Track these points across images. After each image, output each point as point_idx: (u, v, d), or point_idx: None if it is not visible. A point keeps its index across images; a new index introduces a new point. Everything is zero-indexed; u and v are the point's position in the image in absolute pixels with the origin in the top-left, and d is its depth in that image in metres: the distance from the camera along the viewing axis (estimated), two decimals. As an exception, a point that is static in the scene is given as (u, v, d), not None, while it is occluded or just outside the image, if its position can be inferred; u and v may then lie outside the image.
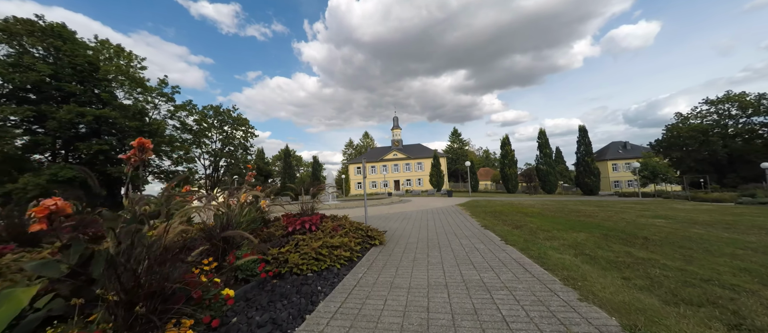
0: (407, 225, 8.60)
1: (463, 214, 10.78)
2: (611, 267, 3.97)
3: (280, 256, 3.97)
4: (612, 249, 4.96)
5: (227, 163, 39.44)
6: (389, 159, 57.44)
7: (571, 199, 21.16)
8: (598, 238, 5.93)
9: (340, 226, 5.97)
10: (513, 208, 12.74)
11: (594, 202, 16.45)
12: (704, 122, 43.47)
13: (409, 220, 9.65)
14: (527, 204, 14.75)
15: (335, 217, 7.40)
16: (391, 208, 15.43)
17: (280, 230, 5.17)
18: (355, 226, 6.11)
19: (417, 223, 8.85)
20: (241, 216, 4.53)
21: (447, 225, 8.31)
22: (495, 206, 13.63)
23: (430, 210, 13.20)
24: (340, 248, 4.47)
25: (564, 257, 4.40)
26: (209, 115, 37.67)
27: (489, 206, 13.71)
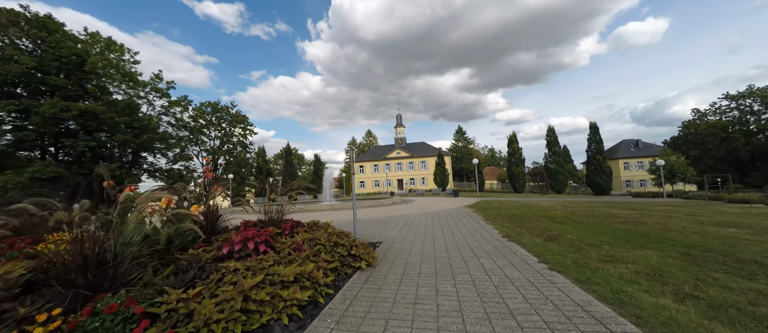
0: (408, 233, 6.86)
1: (475, 219, 9.01)
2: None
3: (181, 306, 2.26)
4: (729, 285, 3.16)
5: (226, 161, 38.06)
6: (392, 157, 55.67)
7: (591, 199, 19.20)
8: (680, 260, 4.13)
9: (312, 240, 4.25)
10: (532, 210, 10.92)
11: (622, 204, 14.51)
12: (723, 118, 40.95)
13: (411, 226, 7.91)
14: (546, 205, 12.90)
15: (316, 225, 5.72)
16: (392, 209, 13.70)
17: (213, 252, 3.46)
18: (335, 241, 4.38)
19: (420, 231, 7.11)
20: (130, 233, 2.81)
21: (458, 234, 6.55)
22: (510, 208, 11.81)
23: (435, 212, 11.43)
24: (297, 284, 2.75)
25: (666, 303, 2.63)
26: (207, 111, 36.33)
27: (503, 208, 11.89)
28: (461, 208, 13.01)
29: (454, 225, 7.87)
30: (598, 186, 43.10)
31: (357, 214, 11.46)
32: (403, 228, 7.66)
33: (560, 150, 43.71)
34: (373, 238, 6.53)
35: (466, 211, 11.57)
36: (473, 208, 12.30)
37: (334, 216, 11.14)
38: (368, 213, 12.04)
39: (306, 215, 11.84)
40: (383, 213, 11.87)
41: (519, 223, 7.89)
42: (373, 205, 16.13)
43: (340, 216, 11.25)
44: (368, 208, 14.25)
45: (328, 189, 20.82)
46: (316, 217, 10.97)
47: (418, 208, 13.88)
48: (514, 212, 10.31)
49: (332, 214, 11.88)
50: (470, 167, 63.50)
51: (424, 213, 11.31)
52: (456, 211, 11.74)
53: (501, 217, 9.02)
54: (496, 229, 7.02)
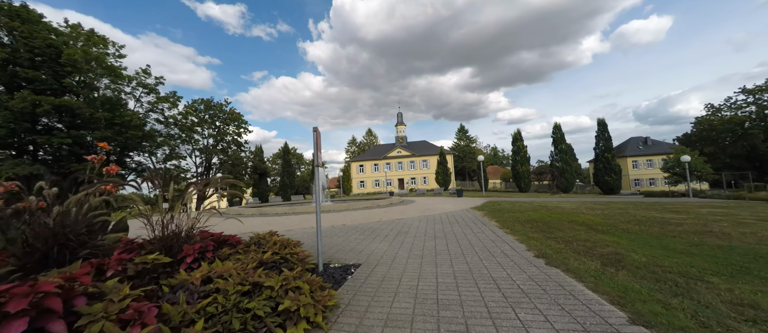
0: (401, 248, 4.94)
1: (487, 226, 7.06)
2: None
3: None
4: None
5: (220, 160, 36.32)
6: (393, 156, 53.74)
7: (610, 200, 17.13)
8: None
9: (221, 278, 2.33)
10: (554, 213, 8.95)
11: (656, 205, 12.46)
12: (739, 114, 38.58)
13: (406, 236, 6.00)
14: (568, 207, 10.90)
15: (261, 242, 3.84)
16: (387, 212, 11.78)
17: None
18: (256, 281, 2.45)
19: (418, 244, 5.19)
20: None
21: (470, 250, 4.62)
22: (526, 211, 9.85)
23: (437, 216, 9.50)
24: None
25: None
26: (200, 109, 34.59)
27: (517, 210, 9.94)
28: (467, 210, 11.07)
29: (463, 235, 5.94)
30: (607, 185, 40.86)
31: (344, 218, 9.55)
32: (395, 240, 5.73)
33: (567, 148, 41.55)
34: (351, 256, 4.62)
35: (474, 214, 9.63)
36: (482, 211, 10.34)
37: (314, 221, 9.26)
38: (358, 217, 10.12)
39: (282, 221, 9.93)
40: (376, 217, 9.94)
41: (547, 232, 5.96)
42: (367, 206, 14.21)
43: (325, 220, 9.37)
44: (360, 211, 12.34)
45: (320, 188, 18.93)
46: (295, 222, 9.13)
47: (417, 210, 11.94)
48: (534, 216, 8.36)
49: (314, 219, 10.01)
50: (473, 166, 61.40)
51: (424, 217, 9.37)
52: (462, 214, 9.80)
53: (520, 224, 7.08)
54: (520, 241, 5.09)
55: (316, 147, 4.13)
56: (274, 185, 57.15)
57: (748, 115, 37.69)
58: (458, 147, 66.24)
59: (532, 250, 4.42)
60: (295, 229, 7.96)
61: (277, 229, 8.12)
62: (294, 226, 8.42)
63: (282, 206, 14.56)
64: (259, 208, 14.65)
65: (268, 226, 8.91)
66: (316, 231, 3.84)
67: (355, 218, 9.74)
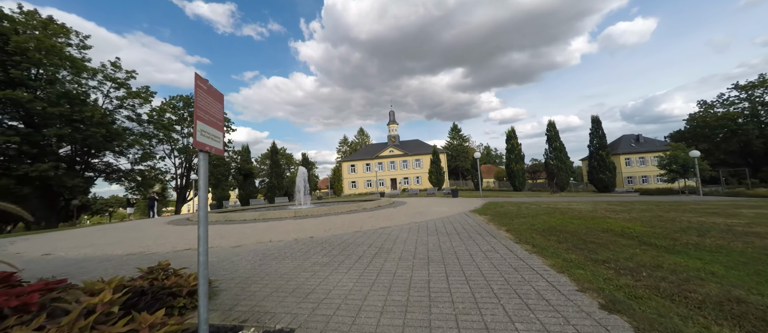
0: (374, 287, 3.07)
1: (499, 239, 5.26)
2: None
3: None
4: None
5: (202, 161, 33.86)
6: (385, 156, 51.91)
7: (622, 199, 15.58)
8: None
9: None
10: (573, 218, 7.22)
11: (685, 206, 10.86)
12: (732, 110, 37.93)
13: (387, 260, 4.15)
14: (585, 210, 9.17)
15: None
16: (373, 216, 9.91)
17: None
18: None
19: (403, 276, 3.33)
20: None
21: (486, 290, 2.79)
22: (537, 214, 8.11)
23: (431, 222, 7.68)
24: None
25: None
26: (178, 105, 32.14)
27: (527, 214, 8.19)
28: (466, 214, 9.28)
29: (468, 257, 4.11)
30: (602, 183, 39.80)
31: (317, 228, 7.67)
32: (370, 266, 3.87)
33: (561, 145, 40.39)
34: (287, 305, 2.71)
35: (475, 220, 7.83)
36: (485, 216, 8.56)
37: (283, 230, 7.33)
38: (335, 225, 8.23)
39: (241, 230, 7.95)
40: (356, 224, 8.06)
41: (585, 249, 4.19)
42: (351, 210, 12.30)
43: (293, 230, 7.45)
44: (340, 217, 10.44)
45: (303, 191, 16.96)
46: (255, 232, 7.09)
47: (408, 214, 10.10)
48: (552, 223, 6.60)
49: (284, 227, 8.08)
50: (466, 165, 60.00)
51: (415, 224, 7.53)
52: (461, 220, 8.00)
53: (540, 235, 5.31)
54: (557, 269, 3.29)
55: (203, 112, 2.13)
56: (262, 187, 54.73)
57: (740, 111, 37.08)
58: (451, 146, 64.81)
59: (588, 292, 2.61)
60: (246, 244, 6.03)
61: (229, 242, 6.18)
62: (249, 240, 6.48)
63: (253, 211, 12.58)
64: (227, 213, 12.64)
65: (219, 237, 6.97)
66: (283, 244, 1.95)
67: (331, 227, 7.84)
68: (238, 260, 4.61)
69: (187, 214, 15.93)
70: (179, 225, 11.28)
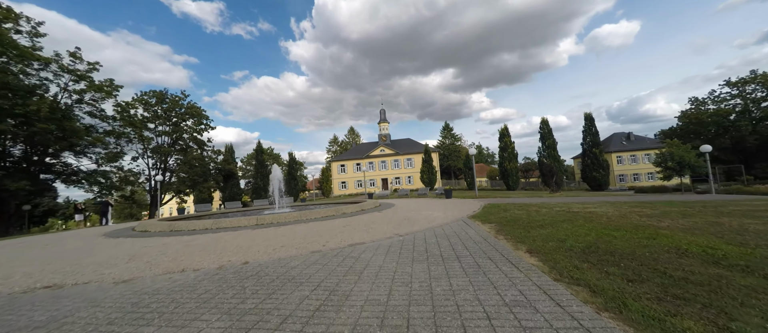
0: None
1: (522, 269, 3.30)
2: None
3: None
4: None
5: (178, 161, 31.20)
6: (376, 155, 49.87)
7: (636, 199, 13.85)
8: None
9: None
10: (614, 230, 5.33)
11: (732, 207, 9.14)
12: (722, 106, 37.25)
13: (333, 322, 2.14)
14: (615, 215, 7.31)
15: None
16: (348, 226, 7.89)
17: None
18: None
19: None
20: None
21: None
22: (557, 223, 6.21)
23: (420, 235, 5.71)
24: None
25: None
26: (150, 102, 29.40)
27: (544, 223, 6.28)
28: (465, 220, 7.34)
29: (479, 314, 2.15)
30: (596, 181, 38.66)
31: (268, 244, 5.58)
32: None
33: (555, 143, 39.08)
34: None
35: (477, 230, 5.88)
36: (488, 224, 6.61)
37: (220, 247, 5.12)
38: (294, 240, 6.18)
39: (170, 246, 5.67)
40: (319, 239, 6.01)
41: (680, 290, 2.28)
42: (327, 215, 10.22)
43: (230, 249, 5.32)
44: (309, 224, 8.36)
45: (278, 192, 14.78)
46: (193, 247, 4.94)
47: (392, 221, 8.08)
48: (587, 237, 4.69)
49: (228, 242, 5.88)
50: (458, 164, 58.45)
51: (399, 239, 5.53)
52: (458, 229, 6.04)
53: (582, 260, 3.39)
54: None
55: None
56: (248, 188, 52.04)
57: (732, 107, 36.41)
58: (443, 145, 63.20)
59: None
60: (138, 277, 3.91)
61: (116, 272, 3.91)
62: (152, 268, 4.36)
63: (208, 219, 10.29)
64: (177, 221, 10.42)
65: (128, 259, 4.79)
66: (193, 278, 0.46)
67: (287, 242, 5.77)
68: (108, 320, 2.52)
69: (146, 221, 13.54)
70: (115, 237, 9.02)
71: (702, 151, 16.19)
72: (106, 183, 24.18)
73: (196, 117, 31.27)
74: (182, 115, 30.61)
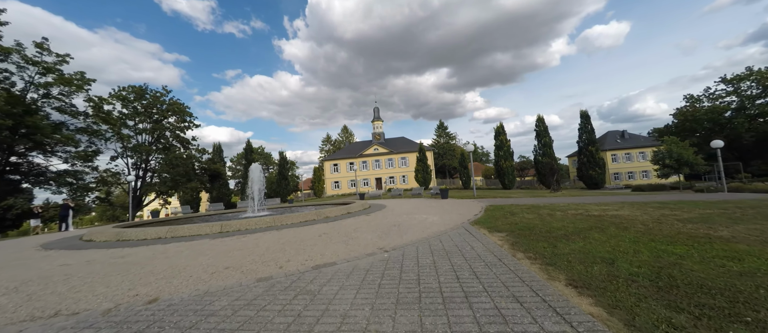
0: None
1: (576, 326, 1.92)
2: None
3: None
4: None
5: (160, 161, 29.32)
6: (369, 154, 48.42)
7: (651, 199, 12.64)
8: None
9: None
10: (681, 244, 4.01)
11: (764, 206, 7.93)
12: (718, 103, 36.71)
13: None
14: (643, 219, 6.01)
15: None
16: (324, 235, 6.48)
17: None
18: None
19: None
20: None
21: None
22: (588, 233, 4.90)
23: (412, 253, 4.33)
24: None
25: None
26: (129, 98, 27.47)
27: (573, 232, 4.96)
28: (466, 227, 5.99)
29: None
30: (592, 180, 37.78)
31: (205, 265, 3.91)
32: None
33: (551, 141, 38.10)
34: None
35: (486, 243, 4.51)
36: (497, 233, 5.26)
37: (133, 274, 3.59)
38: (246, 256, 4.75)
39: (91, 267, 4.14)
40: (281, 257, 4.59)
41: None
42: (304, 221, 8.76)
43: (144, 277, 3.85)
44: (281, 232, 6.91)
45: (257, 192, 13.28)
46: (113, 268, 3.50)
47: (378, 229, 6.70)
48: (646, 258, 3.36)
49: (162, 262, 4.35)
50: (453, 163, 57.35)
51: (380, 261, 4.14)
52: (461, 242, 4.67)
53: (661, 304, 2.05)
54: None
55: None
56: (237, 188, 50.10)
57: (727, 104, 35.87)
58: (438, 144, 62.05)
59: None
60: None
61: None
62: (21, 314, 2.88)
63: (163, 226, 8.64)
64: (132, 228, 8.86)
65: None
66: None
67: (236, 262, 4.33)
68: None
69: (96, 229, 11.85)
70: (47, 250, 7.45)
71: (713, 146, 15.13)
72: (77, 184, 22.30)
73: (179, 114, 29.42)
74: (164, 112, 28.73)
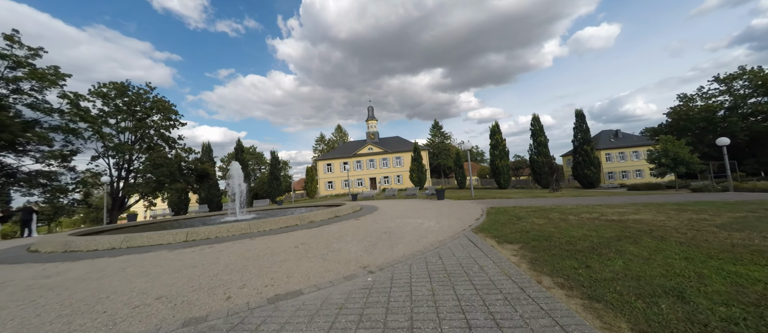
0: None
1: None
2: None
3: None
4: None
5: (144, 162, 27.84)
6: (363, 154, 47.38)
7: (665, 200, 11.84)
8: None
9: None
10: (731, 255, 3.10)
11: None
12: (711, 102, 36.64)
13: None
14: (673, 226, 5.13)
15: None
16: (300, 246, 5.48)
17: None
18: None
19: None
20: None
21: None
22: (619, 243, 3.98)
23: (406, 266, 3.35)
24: None
25: None
26: (109, 95, 25.96)
27: (601, 245, 4.04)
28: (468, 235, 5.04)
29: None
30: (587, 179, 37.36)
31: (141, 289, 3.04)
32: None
33: (546, 140, 37.57)
34: None
35: (495, 256, 3.57)
36: (508, 246, 4.32)
37: (41, 303, 2.68)
38: (197, 278, 3.71)
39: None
40: (240, 279, 3.57)
41: None
42: (285, 226, 7.73)
43: (64, 301, 2.80)
44: (255, 241, 5.86)
45: (239, 194, 12.19)
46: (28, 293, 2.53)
47: (367, 235, 5.71)
48: (724, 288, 2.44)
49: (99, 279, 3.30)
50: (448, 163, 56.69)
51: (362, 283, 3.16)
52: (463, 255, 3.73)
53: None
54: None
55: None
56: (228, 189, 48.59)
57: (720, 103, 35.77)
58: (433, 144, 61.29)
59: None
60: None
61: None
62: None
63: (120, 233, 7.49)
64: (88, 236, 7.71)
65: None
66: None
67: (175, 290, 3.29)
68: None
69: (47, 237, 10.57)
70: None
71: (719, 144, 14.51)
72: (51, 186, 20.82)
73: (163, 112, 27.96)
74: (147, 110, 27.26)
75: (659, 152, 28.75)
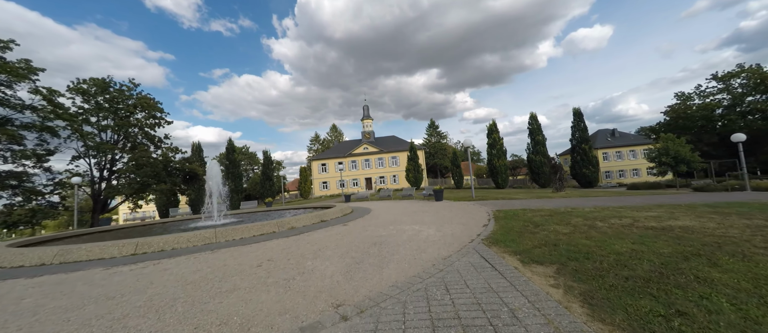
0: None
1: None
2: None
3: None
4: None
5: (127, 162, 26.32)
6: (359, 153, 46.15)
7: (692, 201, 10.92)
8: None
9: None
10: None
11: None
12: (708, 101, 36.09)
13: None
14: (736, 236, 4.10)
15: None
16: (279, 255, 4.29)
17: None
18: None
19: None
20: None
21: None
22: (676, 264, 2.89)
23: (400, 305, 2.21)
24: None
25: None
26: (90, 91, 24.44)
27: (656, 260, 2.94)
28: (478, 248, 3.92)
29: None
30: (585, 178, 36.59)
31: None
32: None
33: (544, 139, 36.69)
34: None
35: (528, 289, 2.45)
36: (536, 266, 3.19)
37: None
38: (109, 306, 2.48)
39: None
40: (157, 322, 2.38)
41: None
42: (261, 233, 6.54)
43: None
44: (214, 253, 4.66)
45: (216, 196, 10.96)
46: None
47: (352, 248, 4.56)
48: None
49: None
50: (445, 163, 55.70)
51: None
52: (479, 285, 2.60)
53: None
54: None
55: None
56: (220, 190, 46.99)
57: (718, 102, 35.22)
58: (429, 144, 60.27)
59: None
60: None
61: None
62: None
63: (55, 244, 6.22)
64: (22, 247, 6.46)
65: None
66: None
67: None
68: None
69: (3, 243, 9.16)
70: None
71: (734, 140, 13.64)
72: (21, 187, 19.31)
73: (147, 109, 26.48)
74: (130, 108, 25.78)
75: (660, 151, 28.02)
